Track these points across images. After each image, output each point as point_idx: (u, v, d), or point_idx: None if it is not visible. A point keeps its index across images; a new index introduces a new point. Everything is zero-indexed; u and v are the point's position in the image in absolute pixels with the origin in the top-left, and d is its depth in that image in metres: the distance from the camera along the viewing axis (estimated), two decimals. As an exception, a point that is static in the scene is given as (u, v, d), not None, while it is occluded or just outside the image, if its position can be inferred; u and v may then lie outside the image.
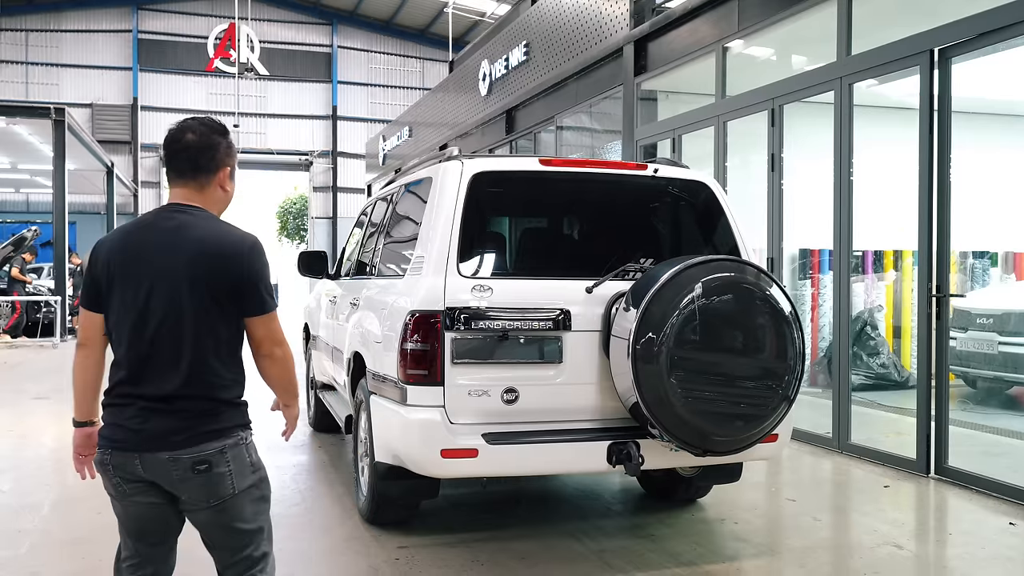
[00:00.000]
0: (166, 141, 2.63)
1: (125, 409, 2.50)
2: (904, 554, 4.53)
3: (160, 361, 2.49)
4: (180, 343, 2.48)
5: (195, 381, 2.49)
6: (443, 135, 18.79)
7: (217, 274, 2.50)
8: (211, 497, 2.53)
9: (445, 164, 4.50)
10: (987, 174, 9.43)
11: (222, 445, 2.51)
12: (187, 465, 2.47)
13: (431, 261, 4.19)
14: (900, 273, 10.66)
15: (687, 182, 4.69)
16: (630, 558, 4.37)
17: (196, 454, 2.47)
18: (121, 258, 2.54)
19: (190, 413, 2.48)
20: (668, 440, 3.97)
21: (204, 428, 2.49)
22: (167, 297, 2.48)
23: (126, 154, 34.60)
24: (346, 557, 4.41)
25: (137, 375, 2.50)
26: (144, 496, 2.54)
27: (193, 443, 2.47)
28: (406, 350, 4.09)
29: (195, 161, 2.59)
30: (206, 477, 2.49)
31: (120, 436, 2.50)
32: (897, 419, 8.27)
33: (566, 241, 4.50)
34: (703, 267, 3.97)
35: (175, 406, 2.47)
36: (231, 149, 2.70)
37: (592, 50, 11.32)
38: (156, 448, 2.46)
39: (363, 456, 5.03)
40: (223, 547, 2.63)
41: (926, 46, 6.08)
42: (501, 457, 4.05)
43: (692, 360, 3.84)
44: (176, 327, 2.48)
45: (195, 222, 2.56)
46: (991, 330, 8.37)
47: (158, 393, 2.48)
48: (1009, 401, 8.82)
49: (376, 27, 38.25)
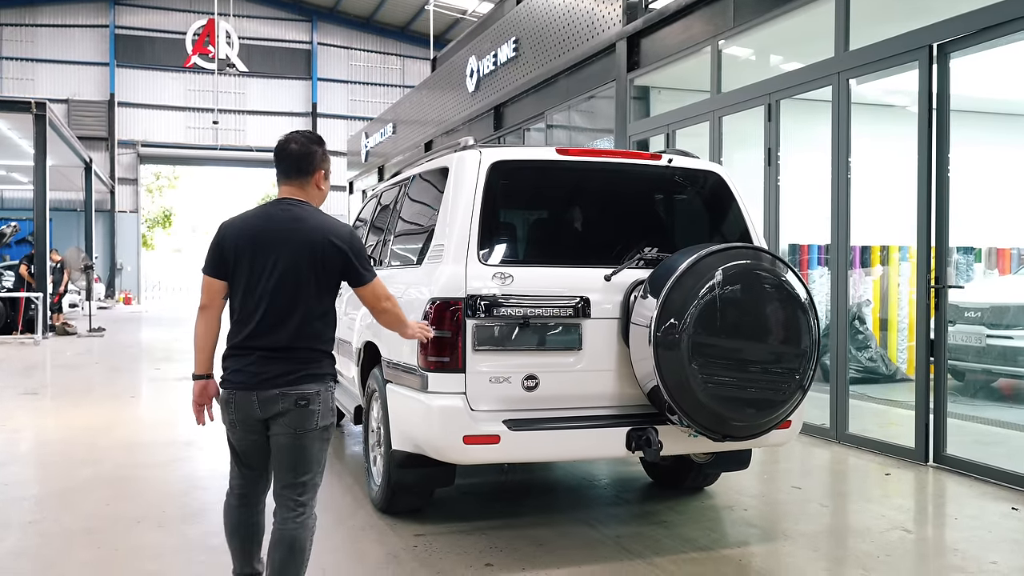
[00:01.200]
0: (276, 149, 3.33)
1: (246, 358, 3.16)
2: (913, 538, 4.61)
3: (276, 321, 3.14)
4: (294, 307, 3.15)
5: (303, 336, 3.16)
6: (428, 132, 18.78)
7: (329, 255, 3.18)
8: (299, 427, 3.15)
9: (462, 153, 4.51)
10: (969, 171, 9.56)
11: (318, 388, 3.18)
12: (292, 400, 3.12)
13: (451, 249, 4.21)
14: (887, 268, 10.79)
15: (699, 171, 4.74)
16: (646, 543, 4.42)
17: (300, 391, 3.13)
18: (249, 238, 3.19)
19: (298, 360, 3.15)
20: (687, 425, 4.02)
21: (307, 372, 3.16)
22: (288, 273, 3.14)
23: (103, 151, 34.26)
24: (363, 545, 4.42)
25: (257, 332, 3.15)
26: (251, 434, 3.21)
27: (299, 383, 3.13)
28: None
29: (297, 165, 3.27)
30: (303, 411, 3.14)
31: (241, 379, 3.15)
32: (888, 411, 8.40)
33: (583, 230, 4.53)
34: (722, 254, 4.02)
35: (288, 355, 3.14)
36: (326, 156, 3.37)
37: (584, 46, 11.36)
38: (269, 387, 3.11)
39: (375, 446, 5.04)
40: (290, 469, 3.19)
41: (925, 41, 6.18)
42: (523, 443, 4.08)
43: (713, 346, 3.89)
44: (293, 295, 3.15)
45: (307, 214, 3.22)
46: (980, 323, 8.51)
47: (274, 345, 3.14)
48: (995, 393, 8.97)
49: (356, 24, 38.16)
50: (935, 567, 4.13)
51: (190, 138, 36.08)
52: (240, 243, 3.19)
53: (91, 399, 9.39)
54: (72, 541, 4.49)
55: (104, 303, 29.71)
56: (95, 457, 6.41)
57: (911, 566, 4.21)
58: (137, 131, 35.34)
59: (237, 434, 3.24)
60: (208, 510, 5.04)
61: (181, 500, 5.29)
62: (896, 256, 10.81)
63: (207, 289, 3.25)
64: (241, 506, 3.34)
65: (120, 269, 34.95)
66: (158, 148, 35.86)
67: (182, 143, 36.05)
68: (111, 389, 10.32)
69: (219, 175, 39.77)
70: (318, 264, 3.17)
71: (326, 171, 3.37)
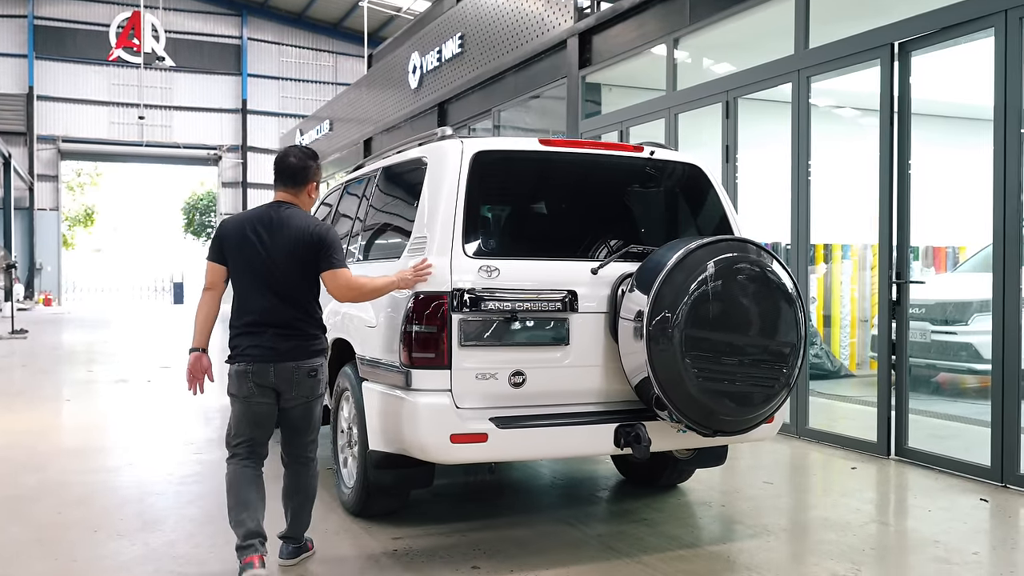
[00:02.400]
0: (276, 160, 3.97)
1: (261, 335, 3.74)
2: (893, 530, 4.63)
3: (279, 302, 3.76)
4: (293, 291, 3.78)
5: (304, 316, 3.81)
6: (367, 129, 18.50)
7: (311, 245, 3.76)
8: (310, 395, 3.84)
9: (442, 144, 4.37)
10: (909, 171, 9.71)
11: (322, 361, 3.88)
12: (305, 371, 3.78)
13: (434, 241, 4.06)
14: (830, 266, 10.96)
15: (681, 164, 4.68)
16: (631, 542, 4.33)
17: (312, 364, 3.81)
18: (248, 231, 3.77)
19: (304, 337, 3.79)
20: (678, 421, 3.95)
21: (313, 347, 3.83)
22: (283, 260, 3.75)
23: (21, 146, 32.95)
24: (341, 551, 4.23)
25: (266, 312, 3.75)
26: (263, 398, 3.78)
27: (310, 357, 3.81)
28: (410, 333, 3.96)
29: (294, 176, 3.91)
30: (313, 380, 3.82)
31: (258, 353, 3.73)
32: (835, 405, 8.52)
33: (567, 222, 4.42)
34: (712, 247, 3.96)
35: (295, 333, 3.78)
36: (318, 169, 4.01)
37: (533, 43, 11.29)
38: (286, 359, 3.75)
39: (345, 447, 4.86)
40: (301, 431, 3.92)
41: (887, 40, 6.25)
42: (511, 441, 3.95)
43: (705, 340, 3.83)
44: (289, 280, 3.78)
45: (296, 214, 3.86)
46: (924, 319, 8.68)
47: (283, 323, 3.75)
48: (936, 387, 9.17)
49: (288, 20, 37.47)
50: (921, 559, 4.14)
51: (114, 134, 34.93)
52: (239, 235, 3.78)
53: (24, 403, 8.93)
54: (25, 552, 4.20)
55: (23, 304, 28.51)
56: (38, 463, 6.06)
57: (897, 559, 4.22)
58: (58, 126, 34.07)
59: (253, 402, 3.76)
60: (168, 518, 4.79)
61: (137, 507, 5.01)
62: (839, 254, 11.00)
63: (210, 273, 3.83)
64: (251, 468, 3.81)
65: (39, 269, 33.63)
66: (80, 144, 34.65)
67: (105, 139, 34.89)
68: (44, 392, 9.84)
69: (144, 172, 38.63)
70: (306, 253, 3.76)
71: (317, 182, 3.99)
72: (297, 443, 3.93)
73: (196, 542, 4.36)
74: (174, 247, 45.76)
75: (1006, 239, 5.42)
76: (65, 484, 5.50)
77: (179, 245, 45.10)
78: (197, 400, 5.12)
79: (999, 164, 5.45)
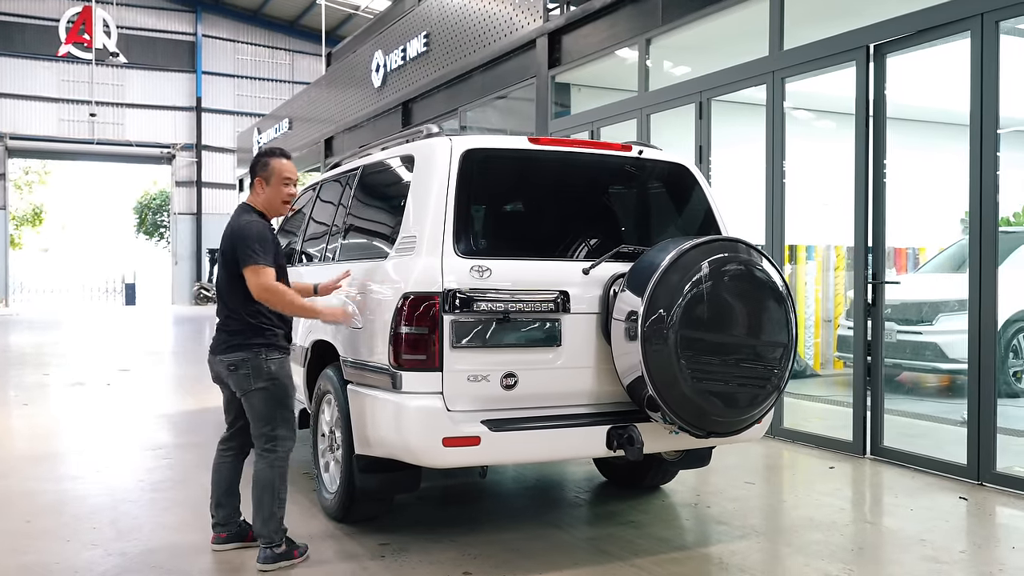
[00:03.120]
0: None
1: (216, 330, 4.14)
2: (878, 530, 4.65)
3: (219, 299, 4.09)
4: (223, 288, 4.03)
5: (232, 312, 3.99)
6: (329, 128, 18.28)
7: (231, 244, 3.95)
8: (240, 388, 4.00)
9: (430, 141, 4.29)
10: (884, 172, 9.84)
11: (242, 355, 3.95)
12: (224, 365, 3.99)
13: (424, 241, 3.97)
14: (794, 267, 11.06)
15: (669, 163, 4.65)
16: (622, 545, 4.29)
17: (229, 358, 3.97)
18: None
19: (230, 332, 4.00)
20: (671, 422, 3.91)
21: (234, 343, 3.97)
22: (220, 259, 4.03)
23: (-34, 143, 31.97)
24: (324, 556, 4.13)
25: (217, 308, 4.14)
26: (221, 385, 4.15)
27: (228, 351, 3.98)
28: (400, 335, 3.87)
29: (250, 172, 4.19)
30: (236, 375, 3.97)
31: (211, 346, 4.11)
32: (807, 405, 8.59)
33: (556, 221, 4.36)
34: (705, 247, 3.93)
35: (224, 328, 4.04)
36: (266, 166, 4.11)
37: (501, 42, 11.22)
38: (215, 353, 4.06)
39: (326, 451, 4.75)
40: (251, 423, 4.05)
41: (862, 42, 6.30)
42: (503, 444, 3.88)
43: (700, 341, 3.80)
44: (221, 278, 4.04)
45: (236, 212, 4.10)
46: (891, 319, 8.80)
47: (220, 320, 4.08)
48: (897, 386, 9.30)
49: (243, 17, 36.87)
50: (909, 559, 4.15)
51: (64, 131, 34.03)
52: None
53: (-22, 408, 8.64)
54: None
55: (-31, 306, 27.71)
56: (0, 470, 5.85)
57: (887, 558, 4.22)
58: (4, 122, 33.10)
59: (221, 388, 4.19)
60: (142, 526, 4.63)
61: (110, 515, 4.84)
62: (803, 255, 11.11)
63: None
64: (220, 454, 4.22)
65: (-15, 270, 32.69)
66: (28, 141, 33.69)
67: (55, 136, 33.96)
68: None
69: (95, 171, 37.75)
70: (229, 251, 3.96)
71: (264, 177, 4.10)
72: (253, 434, 4.07)
73: (175, 551, 4.22)
74: (126, 247, 44.87)
75: (982, 238, 5.48)
76: (31, 492, 5.30)
77: (131, 245, 44.22)
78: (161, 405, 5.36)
79: (975, 164, 5.51)
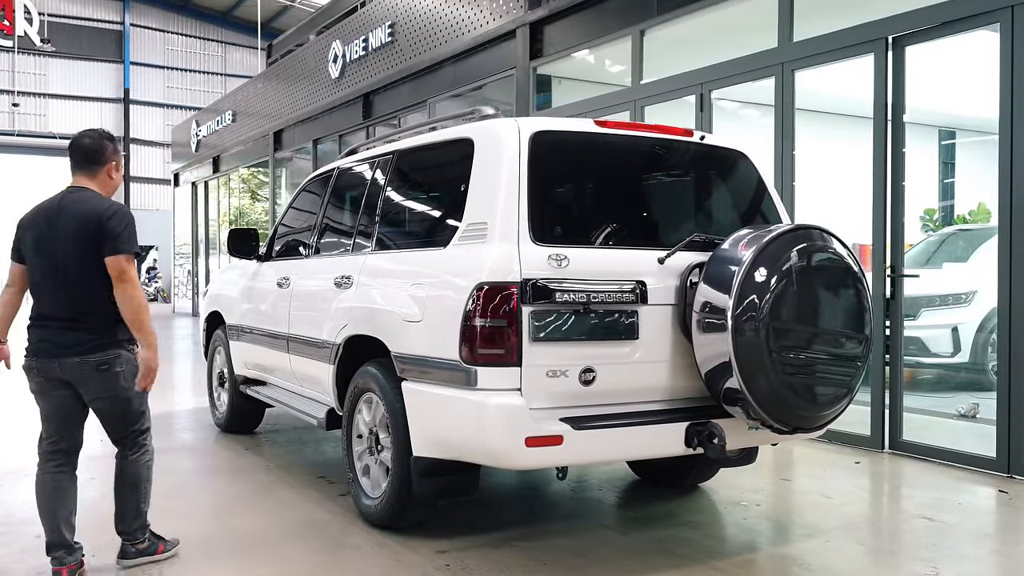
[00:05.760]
0: (70, 143, 3.79)
1: (45, 329, 3.60)
2: (939, 525, 4.54)
3: (64, 294, 3.58)
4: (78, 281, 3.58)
5: (92, 307, 3.58)
6: (278, 121, 17.72)
7: (93, 228, 3.54)
8: (106, 391, 3.61)
9: (493, 122, 4.06)
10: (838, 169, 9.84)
11: (117, 352, 3.60)
12: (92, 366, 3.56)
13: (497, 228, 3.72)
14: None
15: (729, 150, 4.49)
16: (691, 547, 4.11)
17: (100, 357, 3.56)
18: (40, 224, 3.64)
19: (93, 330, 3.57)
20: (756, 418, 3.75)
21: (103, 341, 3.58)
22: (68, 249, 3.57)
23: None
24: (387, 568, 3.84)
25: (51, 305, 3.60)
26: (58, 391, 3.61)
27: (97, 350, 3.56)
28: (475, 327, 3.61)
29: (89, 158, 3.75)
30: (106, 375, 3.58)
31: (43, 347, 3.59)
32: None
33: (627, 207, 4.15)
34: (787, 236, 3.78)
35: (81, 325, 3.57)
36: (117, 151, 3.85)
37: (475, 32, 10.95)
38: (70, 355, 3.54)
39: (364, 454, 4.46)
40: (117, 427, 3.73)
41: (882, 33, 6.25)
42: (586, 443, 3.65)
43: (790, 332, 3.65)
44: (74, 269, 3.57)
45: (87, 198, 3.66)
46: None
47: (67, 316, 3.57)
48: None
49: (174, 7, 35.73)
50: (980, 554, 4.07)
51: (-18, 122, 32.48)
52: (32, 229, 3.66)
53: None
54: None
55: None
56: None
57: (964, 554, 4.12)
58: (-83, 112, 31.43)
59: (50, 395, 3.61)
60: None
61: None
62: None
63: (11, 273, 3.74)
64: (54, 472, 3.63)
65: None
66: (-57, 132, 32.05)
67: (-28, 127, 32.40)
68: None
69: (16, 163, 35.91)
70: (88, 238, 3.54)
71: (117, 163, 3.84)
72: (119, 435, 3.75)
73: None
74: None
75: (1012, 234, 5.47)
76: None
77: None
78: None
79: (1005, 157, 5.51)
